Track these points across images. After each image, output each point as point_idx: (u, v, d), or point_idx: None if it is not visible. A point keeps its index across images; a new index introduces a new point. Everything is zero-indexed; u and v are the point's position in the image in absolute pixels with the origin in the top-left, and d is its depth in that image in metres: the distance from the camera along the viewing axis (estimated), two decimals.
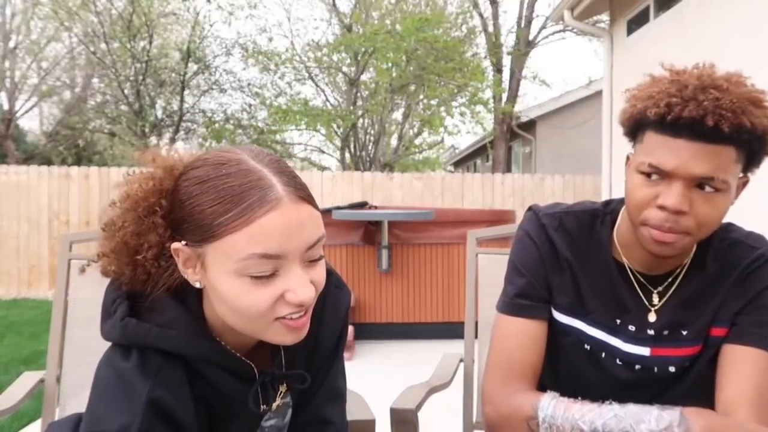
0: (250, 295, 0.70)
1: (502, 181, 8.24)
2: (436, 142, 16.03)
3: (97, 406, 0.71)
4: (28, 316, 5.67)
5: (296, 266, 0.71)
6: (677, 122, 0.85)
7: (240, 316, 0.72)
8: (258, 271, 0.69)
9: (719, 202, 0.89)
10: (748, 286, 0.98)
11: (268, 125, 13.45)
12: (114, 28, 11.49)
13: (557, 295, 1.04)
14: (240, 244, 0.68)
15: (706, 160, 0.85)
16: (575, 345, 1.03)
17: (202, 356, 0.75)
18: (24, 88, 12.93)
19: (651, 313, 1.00)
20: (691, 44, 5.20)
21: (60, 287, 1.50)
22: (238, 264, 0.69)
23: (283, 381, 0.85)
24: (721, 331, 0.99)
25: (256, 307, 0.70)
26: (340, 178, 8.09)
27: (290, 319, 0.72)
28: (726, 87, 0.85)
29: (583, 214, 1.07)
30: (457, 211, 5.60)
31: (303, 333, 0.75)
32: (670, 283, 1.01)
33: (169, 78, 12.53)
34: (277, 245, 0.69)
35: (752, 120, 0.84)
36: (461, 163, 21.44)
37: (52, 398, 1.43)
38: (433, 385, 1.43)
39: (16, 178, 7.47)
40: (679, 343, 0.99)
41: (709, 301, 1.00)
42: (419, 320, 4.70)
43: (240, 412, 0.81)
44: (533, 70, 15.97)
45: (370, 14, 14.07)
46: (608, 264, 1.03)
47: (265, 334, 0.74)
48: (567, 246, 1.04)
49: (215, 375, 0.76)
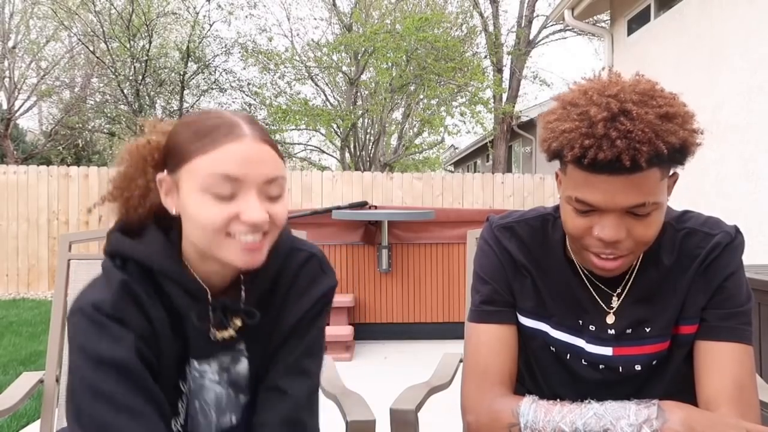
0: (211, 209, 0.82)
1: (502, 181, 8.24)
2: (436, 142, 16.03)
3: (83, 290, 0.88)
4: (27, 316, 5.67)
5: (253, 194, 0.83)
6: (594, 164, 0.84)
7: (202, 231, 0.83)
8: (219, 190, 0.81)
9: (654, 219, 0.89)
10: (710, 277, 0.97)
11: (268, 125, 13.44)
12: (113, 28, 11.48)
13: (520, 300, 1.05)
14: (206, 164, 0.82)
15: (632, 191, 0.84)
16: (542, 348, 1.04)
17: (165, 272, 0.87)
18: (23, 87, 12.92)
19: (609, 315, 1.00)
20: (691, 44, 5.20)
21: (59, 287, 1.49)
22: (203, 181, 0.82)
23: (233, 314, 0.93)
24: (691, 329, 0.98)
25: (212, 220, 0.82)
26: (340, 178, 8.09)
27: (244, 240, 0.83)
28: (635, 113, 0.83)
29: (534, 221, 1.08)
30: (457, 211, 5.60)
31: (257, 257, 0.85)
32: (626, 282, 1.00)
33: (169, 77, 12.53)
34: (236, 168, 0.81)
35: (667, 140, 0.83)
36: (461, 163, 21.45)
37: (51, 399, 1.43)
38: (433, 385, 1.43)
39: (15, 178, 7.47)
40: (642, 341, 0.99)
41: (669, 295, 0.99)
42: (419, 320, 4.70)
43: (189, 335, 0.91)
44: (533, 70, 15.95)
45: (370, 14, 14.07)
46: (563, 267, 1.03)
47: (221, 250, 0.84)
48: (522, 253, 1.06)
49: (174, 291, 0.88)
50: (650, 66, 6.00)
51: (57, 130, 13.51)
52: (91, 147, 15.28)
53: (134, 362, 0.81)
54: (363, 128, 13.48)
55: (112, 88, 12.48)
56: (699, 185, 5.04)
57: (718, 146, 4.80)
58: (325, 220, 4.65)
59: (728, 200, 4.66)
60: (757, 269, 3.08)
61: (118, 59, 11.69)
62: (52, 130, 13.73)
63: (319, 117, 12.20)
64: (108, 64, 11.76)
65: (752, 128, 4.41)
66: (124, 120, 12.45)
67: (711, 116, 4.88)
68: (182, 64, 12.36)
